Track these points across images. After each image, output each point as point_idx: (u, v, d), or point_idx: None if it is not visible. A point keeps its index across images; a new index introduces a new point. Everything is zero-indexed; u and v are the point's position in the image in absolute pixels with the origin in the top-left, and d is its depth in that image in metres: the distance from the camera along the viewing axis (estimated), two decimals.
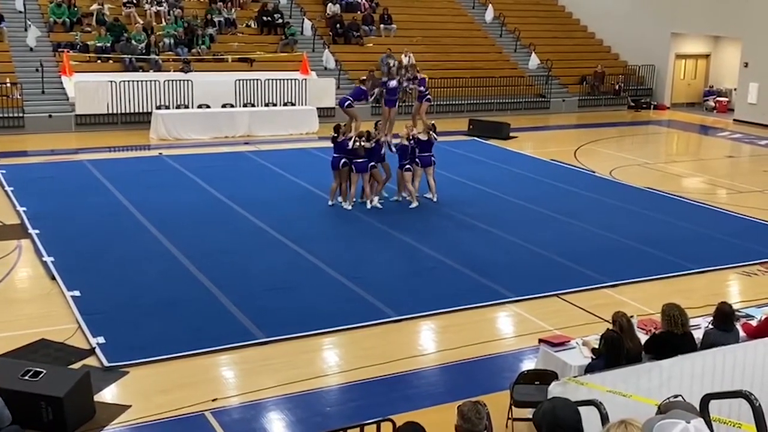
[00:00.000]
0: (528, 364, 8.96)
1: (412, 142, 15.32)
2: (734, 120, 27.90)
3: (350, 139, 15.01)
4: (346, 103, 16.25)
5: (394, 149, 15.71)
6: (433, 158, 15.71)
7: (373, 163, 15.35)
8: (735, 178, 19.81)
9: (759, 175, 19.97)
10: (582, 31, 33.51)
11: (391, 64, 17.28)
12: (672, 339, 7.36)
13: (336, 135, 15.20)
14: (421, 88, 16.93)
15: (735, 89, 29.00)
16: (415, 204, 15.47)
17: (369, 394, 8.63)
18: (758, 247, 13.74)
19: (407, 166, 15.38)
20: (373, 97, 17.22)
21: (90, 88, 22.20)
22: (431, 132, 15.53)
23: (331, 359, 9.53)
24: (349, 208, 15.22)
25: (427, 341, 10.12)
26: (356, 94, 16.42)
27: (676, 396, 4.92)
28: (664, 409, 4.57)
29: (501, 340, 10.13)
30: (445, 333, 10.22)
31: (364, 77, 17.25)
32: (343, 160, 15.08)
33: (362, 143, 15.03)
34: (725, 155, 23.24)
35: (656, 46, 30.36)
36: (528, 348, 9.56)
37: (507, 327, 10.60)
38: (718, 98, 30.20)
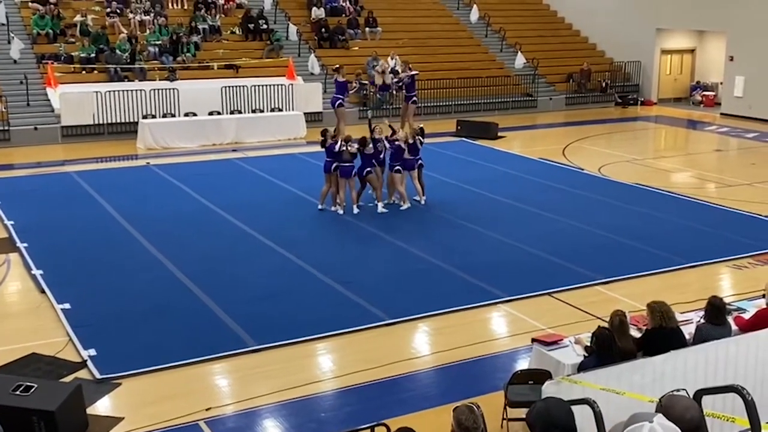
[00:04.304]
0: (521, 364, 8.95)
1: (404, 145, 15.32)
2: (721, 114, 27.99)
3: (337, 143, 14.98)
4: (337, 103, 16.22)
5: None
6: (420, 161, 15.69)
7: (369, 169, 15.30)
8: (723, 172, 19.86)
9: (747, 168, 20.03)
10: (567, 29, 33.58)
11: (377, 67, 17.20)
12: (661, 335, 7.35)
13: (324, 139, 15.17)
14: (405, 78, 16.90)
15: (721, 83, 29.11)
16: (406, 206, 15.45)
17: (363, 398, 8.59)
18: (748, 240, 13.78)
19: (397, 167, 15.37)
20: (354, 90, 17.24)
21: (75, 99, 22.11)
22: (417, 137, 15.51)
23: (325, 365, 9.50)
24: (341, 212, 15.18)
25: (420, 344, 10.10)
26: (341, 89, 16.41)
27: (678, 390, 4.90)
28: (665, 403, 4.57)
29: (494, 340, 10.11)
30: (438, 335, 10.20)
31: (338, 65, 17.18)
32: (334, 164, 15.05)
33: (348, 147, 14.98)
34: (713, 149, 23.33)
35: (642, 42, 30.44)
36: (521, 347, 9.54)
37: (500, 327, 10.59)
38: (705, 92, 30.29)
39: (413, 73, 17.10)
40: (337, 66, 17.05)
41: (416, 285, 11.74)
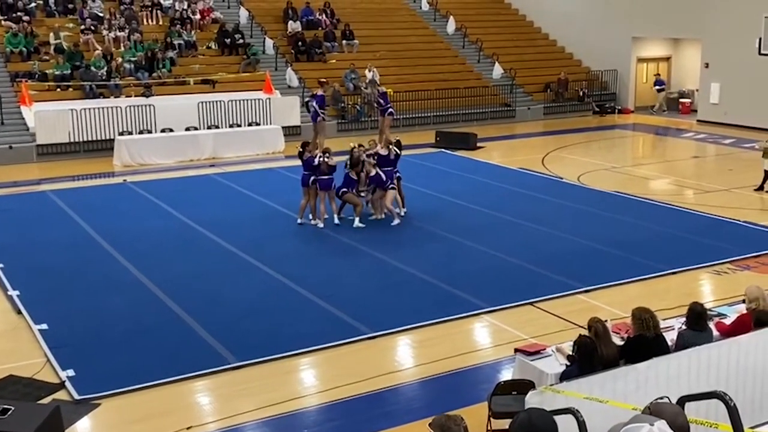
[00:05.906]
0: (505, 375, 8.92)
1: (374, 158, 15.25)
2: (698, 120, 28.20)
3: (315, 156, 14.93)
4: (318, 119, 16.28)
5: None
6: (397, 173, 15.65)
7: (345, 189, 15.18)
8: (701, 178, 19.99)
9: (724, 174, 20.16)
10: (544, 38, 33.76)
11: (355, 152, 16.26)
12: (644, 342, 7.33)
13: (302, 150, 15.12)
14: (381, 101, 17.06)
15: (697, 90, 29.33)
16: (397, 221, 15.32)
17: (347, 413, 8.51)
18: (727, 245, 13.84)
19: (391, 184, 15.27)
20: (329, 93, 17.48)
21: (50, 117, 21.93)
22: (392, 147, 15.47)
23: (308, 380, 9.42)
24: (321, 225, 15.11)
25: (404, 356, 10.04)
26: (321, 103, 16.52)
27: (662, 398, 4.89)
28: (653, 409, 4.55)
29: (477, 351, 10.07)
30: (421, 347, 10.14)
31: (324, 80, 17.27)
32: (312, 177, 14.99)
33: (325, 160, 14.93)
34: (690, 156, 23.47)
35: (618, 50, 30.65)
36: (504, 358, 9.51)
37: (482, 338, 10.55)
38: (681, 99, 30.51)
39: (381, 90, 17.29)
40: (324, 80, 17.18)
41: (398, 297, 11.69)
